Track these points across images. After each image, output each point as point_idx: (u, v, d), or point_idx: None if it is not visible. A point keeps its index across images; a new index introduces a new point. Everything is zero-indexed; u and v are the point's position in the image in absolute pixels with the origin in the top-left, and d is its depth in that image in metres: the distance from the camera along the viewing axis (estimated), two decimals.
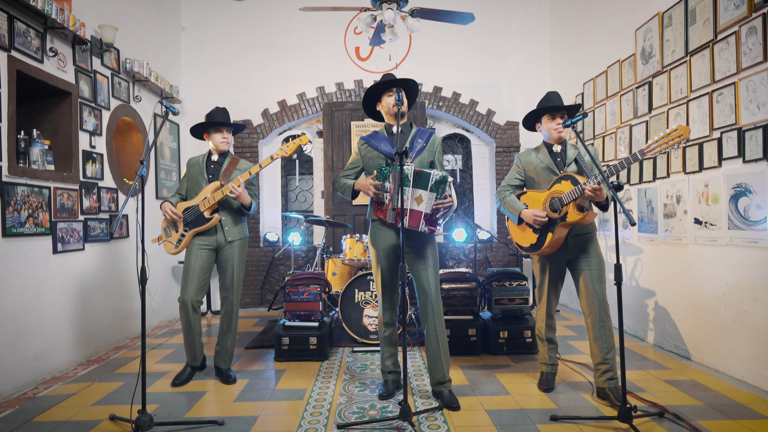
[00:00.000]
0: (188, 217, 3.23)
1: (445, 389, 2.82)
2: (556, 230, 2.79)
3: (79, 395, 3.07)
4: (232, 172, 3.31)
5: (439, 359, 2.80)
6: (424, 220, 2.61)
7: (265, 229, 6.34)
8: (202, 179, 3.30)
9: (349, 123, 5.80)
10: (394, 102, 2.76)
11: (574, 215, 2.71)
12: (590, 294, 2.82)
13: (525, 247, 2.96)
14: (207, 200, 3.18)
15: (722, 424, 2.50)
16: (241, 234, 3.34)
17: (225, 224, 3.27)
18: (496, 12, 6.23)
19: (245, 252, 3.39)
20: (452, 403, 2.75)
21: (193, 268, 3.20)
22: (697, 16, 3.51)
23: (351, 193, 2.89)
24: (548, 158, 2.94)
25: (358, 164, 2.97)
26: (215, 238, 3.27)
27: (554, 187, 2.84)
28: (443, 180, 2.58)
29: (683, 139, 2.33)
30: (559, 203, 2.77)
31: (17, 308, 3.19)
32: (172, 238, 3.28)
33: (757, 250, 3.00)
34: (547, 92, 3.01)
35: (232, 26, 6.12)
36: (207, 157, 3.37)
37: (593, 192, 2.58)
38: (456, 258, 6.19)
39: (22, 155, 3.36)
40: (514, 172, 3.06)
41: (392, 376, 3.00)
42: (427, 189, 2.59)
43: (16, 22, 3.25)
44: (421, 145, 2.86)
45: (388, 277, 2.88)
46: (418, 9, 4.39)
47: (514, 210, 2.94)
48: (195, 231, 3.22)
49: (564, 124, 2.77)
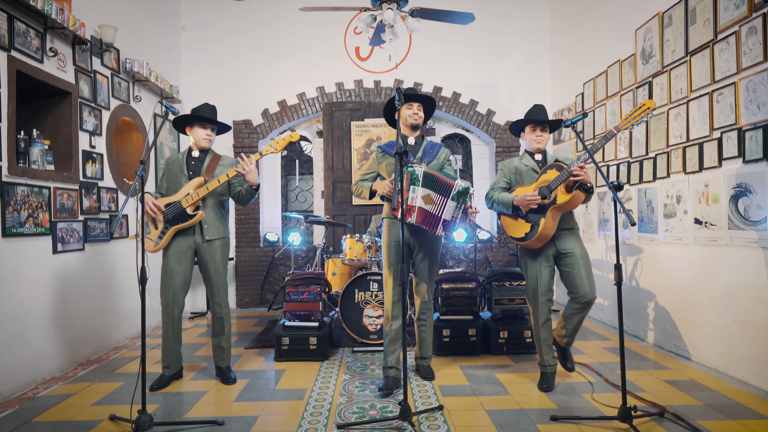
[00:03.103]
0: (169, 213, 3.12)
1: (425, 363, 3.33)
2: (548, 215, 2.92)
3: (79, 395, 3.07)
4: (216, 168, 3.24)
5: (425, 340, 3.31)
6: (442, 225, 2.90)
7: (265, 229, 6.34)
8: (182, 176, 3.20)
9: (349, 123, 5.80)
10: (411, 114, 3.16)
11: (564, 196, 2.88)
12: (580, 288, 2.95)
13: (519, 238, 3.06)
14: (190, 196, 3.10)
15: (722, 424, 2.50)
16: (221, 233, 3.26)
17: (205, 222, 3.18)
18: (496, 12, 6.23)
19: (228, 252, 3.31)
20: (429, 374, 3.26)
21: (172, 271, 3.13)
22: (697, 16, 3.51)
23: (369, 194, 3.20)
24: (531, 162, 3.16)
25: (374, 169, 3.31)
26: (193, 239, 3.18)
27: (541, 177, 3.03)
28: (465, 191, 2.87)
29: (650, 110, 2.65)
30: (547, 190, 2.94)
31: (17, 308, 3.18)
32: (152, 235, 3.16)
33: (757, 250, 3.00)
34: (534, 105, 3.18)
35: (232, 26, 6.12)
36: (187, 153, 3.28)
37: (580, 169, 2.77)
38: (456, 258, 6.19)
39: (22, 155, 3.35)
40: (500, 177, 3.25)
41: (393, 371, 3.11)
42: (449, 197, 2.88)
43: (16, 22, 3.25)
44: (432, 155, 3.20)
45: (397, 270, 3.11)
46: (418, 9, 4.39)
47: (506, 202, 3.08)
48: (177, 228, 3.12)
49: (564, 123, 2.83)
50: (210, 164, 3.25)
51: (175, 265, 3.15)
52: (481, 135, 6.45)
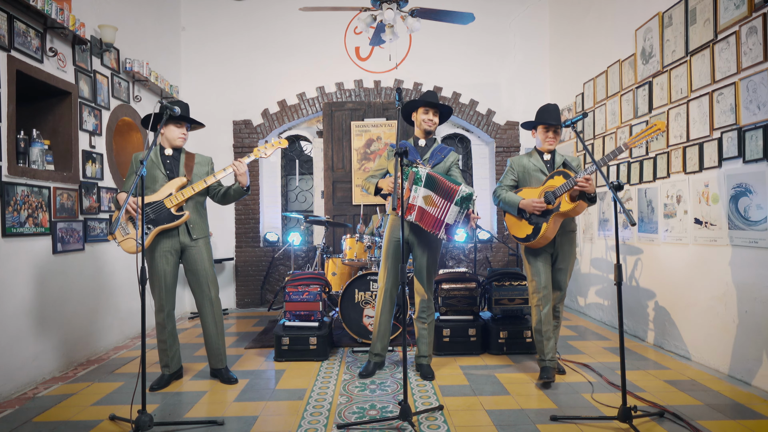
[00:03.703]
0: (150, 214, 3.03)
1: (425, 362, 3.35)
2: (550, 220, 3.06)
3: (79, 395, 3.07)
4: (193, 167, 3.20)
5: (425, 338, 3.36)
6: (444, 228, 2.99)
7: (265, 229, 6.34)
8: (159, 174, 3.11)
9: (349, 123, 5.79)
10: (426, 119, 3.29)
11: (567, 205, 3.00)
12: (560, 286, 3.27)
13: (521, 238, 3.22)
14: (174, 197, 3.05)
15: (722, 424, 2.50)
16: (205, 232, 3.24)
17: (190, 222, 3.13)
18: (496, 12, 6.23)
19: (211, 250, 3.28)
20: (429, 373, 3.27)
21: (162, 272, 3.09)
22: (698, 16, 3.51)
23: (375, 190, 3.31)
24: (540, 162, 3.25)
25: (384, 166, 3.41)
26: (177, 239, 3.12)
27: (548, 182, 3.13)
28: (469, 197, 2.97)
29: (661, 131, 2.68)
30: (552, 196, 3.05)
31: (17, 308, 3.18)
32: (133, 234, 3.05)
33: (757, 250, 3.00)
34: (548, 104, 3.24)
35: (232, 26, 6.12)
36: (160, 151, 3.17)
37: (586, 181, 2.88)
38: (456, 258, 6.19)
39: (21, 155, 3.35)
40: (508, 174, 3.36)
41: (376, 358, 3.37)
42: (452, 202, 2.97)
43: (16, 21, 3.25)
44: (439, 158, 3.31)
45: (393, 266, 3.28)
46: (418, 9, 4.38)
47: (512, 204, 3.20)
48: (160, 228, 3.04)
49: (564, 123, 2.85)
50: (187, 163, 3.20)
51: (163, 265, 3.10)
52: (481, 135, 6.45)
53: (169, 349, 3.21)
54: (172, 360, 3.23)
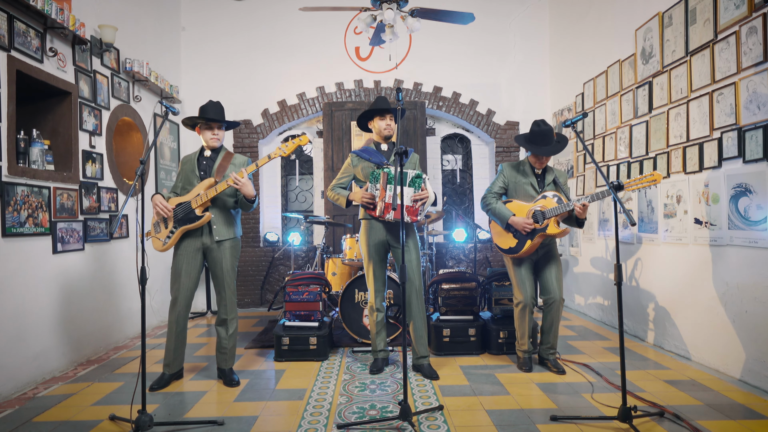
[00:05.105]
0: (179, 214, 3.11)
1: (425, 362, 3.34)
2: (535, 238, 3.22)
3: (79, 395, 3.07)
4: (227, 168, 3.22)
5: (423, 337, 3.34)
6: (406, 211, 3.09)
7: (265, 229, 6.34)
8: (193, 176, 3.21)
9: (349, 123, 5.79)
10: (384, 125, 3.37)
11: (554, 229, 3.16)
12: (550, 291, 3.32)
13: (504, 249, 3.40)
14: (200, 197, 3.09)
15: (722, 424, 2.50)
16: (231, 234, 3.23)
17: (214, 223, 3.17)
18: (496, 12, 6.23)
19: (238, 253, 3.29)
20: (432, 374, 3.27)
21: (182, 270, 3.14)
22: (698, 16, 3.51)
23: (345, 203, 3.35)
24: (531, 177, 3.38)
25: (349, 173, 3.45)
26: (201, 240, 3.17)
27: (539, 201, 3.25)
28: (418, 176, 3.12)
29: (656, 183, 2.73)
30: (541, 216, 3.19)
31: (17, 308, 3.18)
32: (161, 235, 3.17)
33: (757, 250, 3.00)
34: (541, 127, 3.24)
35: (232, 26, 6.12)
36: (199, 153, 3.29)
37: (583, 209, 3.04)
38: (456, 258, 6.19)
39: (21, 155, 3.36)
40: (499, 180, 3.45)
41: (382, 353, 3.47)
42: (407, 185, 3.09)
43: (16, 21, 3.25)
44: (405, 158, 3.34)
45: (378, 267, 3.36)
46: (418, 9, 4.39)
47: (502, 217, 3.34)
48: (184, 229, 3.11)
49: (564, 123, 2.84)
50: (221, 164, 3.23)
51: (185, 264, 3.15)
52: (481, 135, 6.45)
53: (174, 350, 3.21)
54: (174, 360, 3.23)
